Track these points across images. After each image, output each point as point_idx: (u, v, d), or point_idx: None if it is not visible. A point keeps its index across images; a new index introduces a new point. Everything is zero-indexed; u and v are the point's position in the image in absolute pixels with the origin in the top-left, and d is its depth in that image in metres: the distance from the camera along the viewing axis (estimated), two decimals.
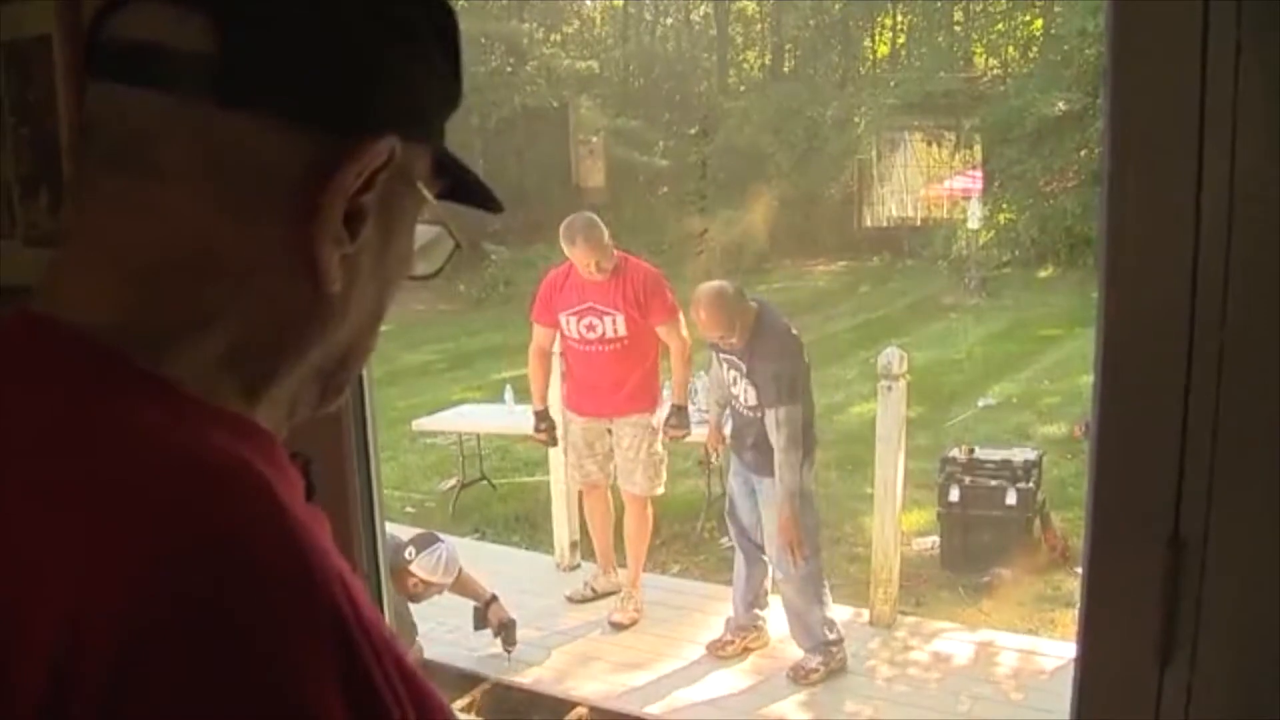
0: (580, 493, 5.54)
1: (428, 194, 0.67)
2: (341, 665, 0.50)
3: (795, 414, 4.37)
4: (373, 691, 0.51)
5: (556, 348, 5.26)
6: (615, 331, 4.96)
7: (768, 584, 4.88)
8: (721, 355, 4.62)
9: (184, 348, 0.57)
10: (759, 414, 4.47)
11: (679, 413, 5.14)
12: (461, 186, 0.72)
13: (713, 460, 5.77)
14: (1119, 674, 1.09)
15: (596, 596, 5.46)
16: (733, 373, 4.55)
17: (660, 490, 5.34)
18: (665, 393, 5.29)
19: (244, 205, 0.58)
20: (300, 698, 0.48)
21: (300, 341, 0.62)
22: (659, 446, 5.18)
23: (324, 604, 0.50)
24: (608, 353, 5.00)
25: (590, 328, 4.97)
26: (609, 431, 5.20)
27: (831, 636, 4.66)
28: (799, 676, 4.63)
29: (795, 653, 4.72)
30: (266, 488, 0.53)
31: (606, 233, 5.00)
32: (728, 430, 4.90)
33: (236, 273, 0.58)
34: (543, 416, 5.28)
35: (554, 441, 5.37)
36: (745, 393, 4.51)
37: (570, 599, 5.47)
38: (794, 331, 4.67)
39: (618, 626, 5.20)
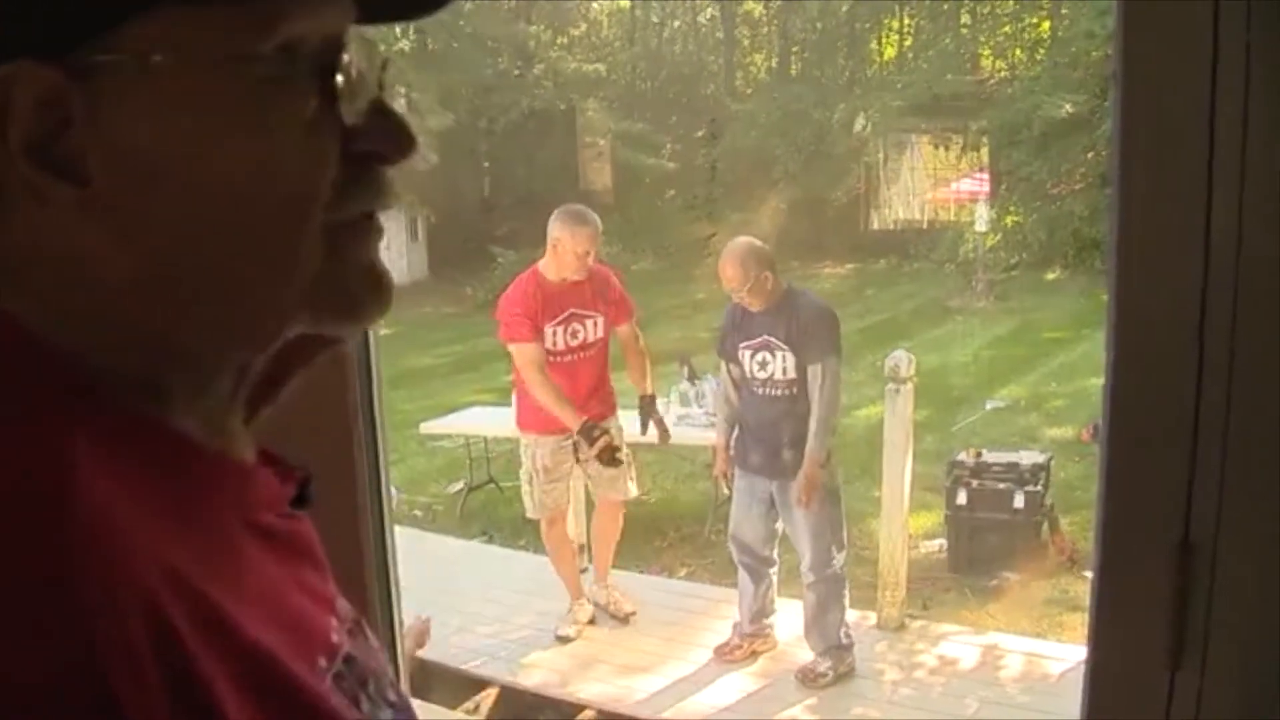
0: (546, 525, 5.13)
1: (242, 47, 0.52)
2: (76, 681, 0.44)
3: (837, 368, 4.45)
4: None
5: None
6: (596, 334, 4.84)
7: (773, 594, 4.87)
8: (742, 347, 4.56)
9: (66, 343, 0.52)
10: (791, 390, 4.46)
11: (651, 402, 5.09)
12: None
13: (724, 488, 5.61)
14: (1129, 678, 1.09)
15: (581, 634, 5.21)
16: (760, 355, 4.51)
17: (635, 491, 5.27)
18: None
19: None
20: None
21: (144, 312, 0.54)
22: (625, 447, 5.07)
23: (69, 614, 0.45)
24: (587, 358, 4.84)
25: (574, 335, 4.80)
26: (575, 445, 4.94)
27: (844, 641, 4.66)
28: (808, 679, 4.62)
29: (803, 655, 4.71)
30: (56, 493, 0.47)
31: None
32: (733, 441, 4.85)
33: (33, 267, 0.52)
34: (594, 426, 4.71)
35: (618, 450, 4.82)
36: (782, 365, 4.48)
37: (561, 638, 5.15)
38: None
39: (622, 619, 5.23)
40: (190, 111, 0.52)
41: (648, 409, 5.08)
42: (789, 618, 4.82)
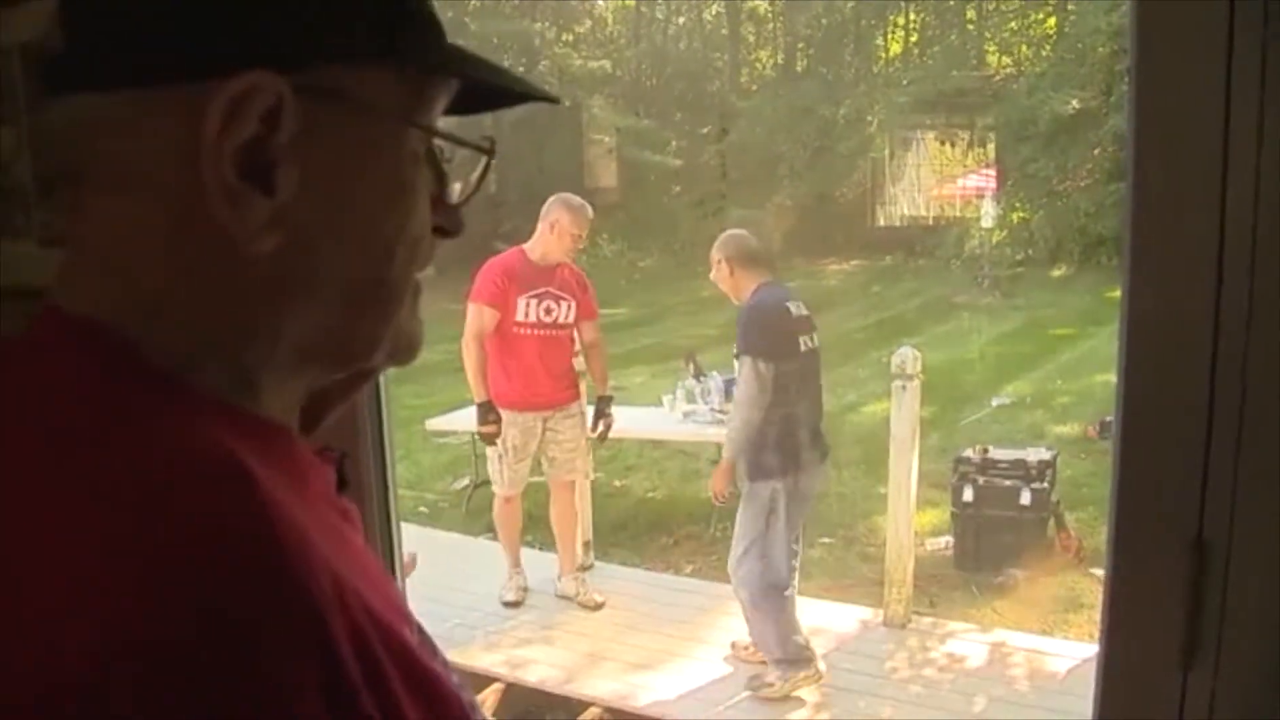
0: (503, 501, 5.40)
1: (410, 115, 0.61)
2: (322, 674, 0.47)
3: (754, 370, 4.28)
4: (354, 706, 0.48)
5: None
6: (567, 317, 5.11)
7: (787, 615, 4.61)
8: None
9: (169, 338, 0.56)
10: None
11: (609, 401, 5.33)
12: (484, 90, 0.65)
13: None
14: (1142, 677, 1.09)
15: (525, 599, 5.48)
16: None
17: (591, 474, 5.65)
18: None
19: (149, 188, 0.55)
20: (275, 710, 0.46)
21: (263, 315, 0.58)
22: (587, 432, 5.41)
23: (302, 610, 0.48)
24: (557, 338, 5.13)
25: (548, 311, 5.07)
26: (541, 425, 5.21)
27: (785, 655, 4.48)
28: (754, 686, 4.54)
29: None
30: (246, 487, 0.50)
31: None
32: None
33: (176, 259, 0.56)
34: (491, 407, 5.06)
35: (498, 437, 5.12)
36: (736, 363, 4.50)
37: (509, 604, 5.43)
38: (792, 309, 4.45)
39: (594, 608, 5.39)
40: (372, 155, 0.60)
41: (604, 407, 5.32)
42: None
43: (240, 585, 0.47)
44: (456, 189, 0.68)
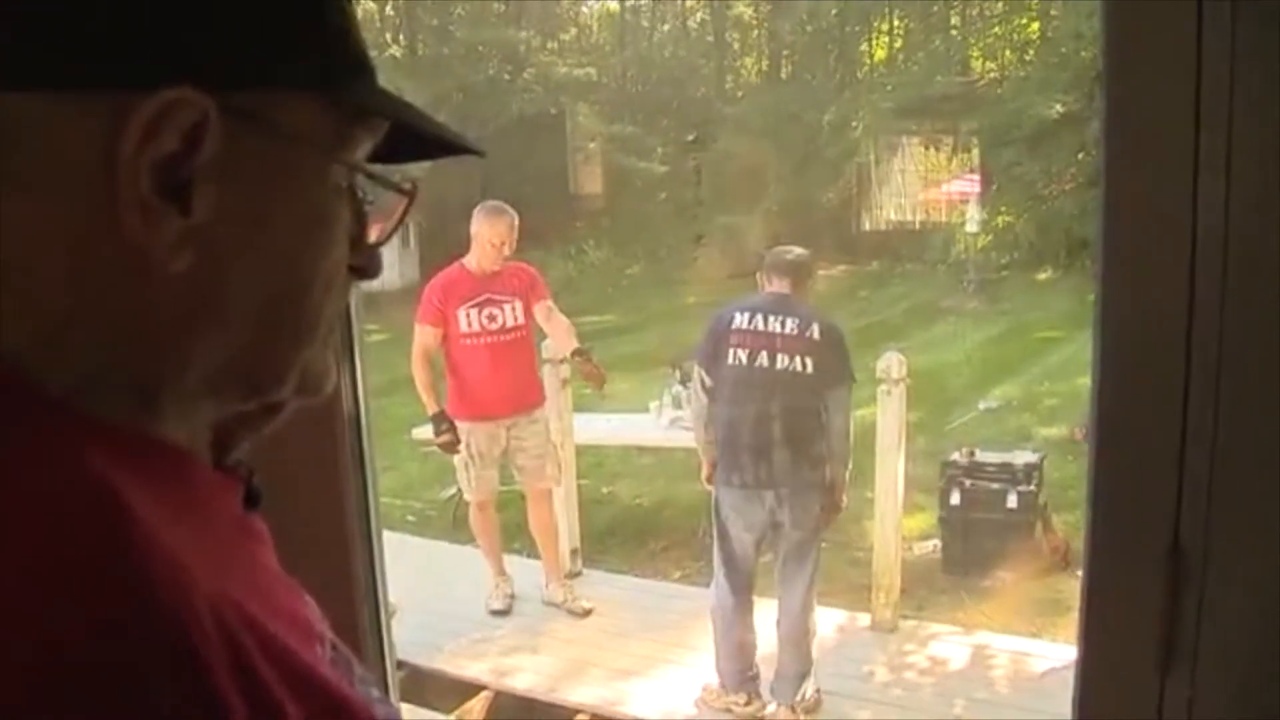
0: (476, 508, 5.43)
1: (335, 151, 0.60)
2: (199, 712, 0.46)
3: (695, 374, 4.50)
4: None
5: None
6: (515, 319, 5.11)
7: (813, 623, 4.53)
8: None
9: (68, 358, 0.53)
10: None
11: (583, 353, 5.37)
12: (409, 140, 0.65)
13: None
14: (1119, 683, 1.09)
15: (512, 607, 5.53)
16: None
17: (560, 480, 5.61)
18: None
19: (59, 193, 0.53)
20: None
21: (171, 337, 0.56)
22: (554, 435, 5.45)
23: (171, 646, 0.47)
24: (508, 342, 5.11)
25: (491, 318, 5.08)
26: (505, 433, 5.23)
27: (723, 676, 4.53)
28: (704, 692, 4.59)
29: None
30: (115, 523, 0.48)
31: None
32: None
33: (82, 272, 0.53)
34: (444, 418, 5.12)
35: (457, 445, 5.16)
36: None
37: (496, 611, 5.48)
38: (737, 319, 4.29)
39: (581, 615, 5.42)
40: (293, 184, 0.59)
41: (582, 358, 5.35)
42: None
43: (103, 628, 0.46)
44: (376, 231, 0.68)
